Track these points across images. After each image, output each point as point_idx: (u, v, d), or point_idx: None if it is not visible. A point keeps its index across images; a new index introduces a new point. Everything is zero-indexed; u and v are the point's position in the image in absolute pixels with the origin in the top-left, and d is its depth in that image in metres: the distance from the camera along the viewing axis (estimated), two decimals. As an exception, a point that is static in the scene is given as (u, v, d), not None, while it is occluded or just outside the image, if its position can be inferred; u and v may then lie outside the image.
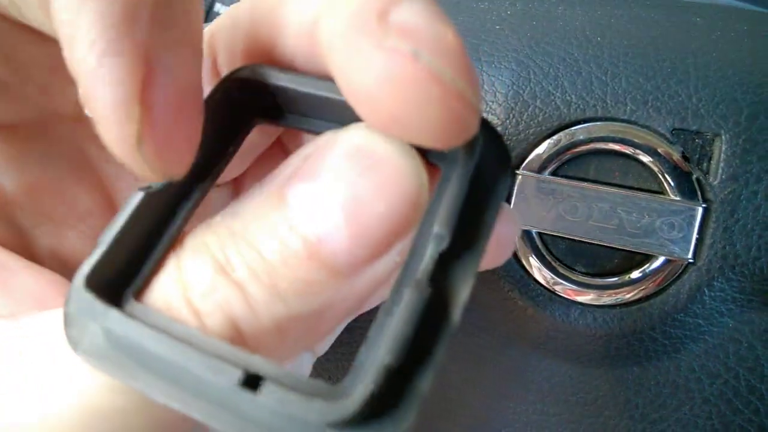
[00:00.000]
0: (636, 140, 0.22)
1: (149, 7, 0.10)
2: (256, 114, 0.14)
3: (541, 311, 0.23)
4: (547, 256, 0.23)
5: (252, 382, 0.10)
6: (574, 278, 0.23)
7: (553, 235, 0.23)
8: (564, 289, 0.23)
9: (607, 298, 0.23)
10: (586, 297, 0.23)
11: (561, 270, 0.23)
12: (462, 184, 0.11)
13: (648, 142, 0.22)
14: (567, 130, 0.23)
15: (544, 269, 0.23)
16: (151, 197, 0.12)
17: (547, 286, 0.23)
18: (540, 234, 0.23)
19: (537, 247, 0.23)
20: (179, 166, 0.11)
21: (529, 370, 0.25)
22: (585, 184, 0.22)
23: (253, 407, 0.10)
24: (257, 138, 0.16)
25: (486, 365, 0.25)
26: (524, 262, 0.23)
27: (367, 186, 0.10)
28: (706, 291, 0.22)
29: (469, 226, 0.11)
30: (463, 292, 0.11)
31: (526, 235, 0.23)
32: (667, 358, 0.23)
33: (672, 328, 0.23)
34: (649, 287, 0.22)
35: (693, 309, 0.23)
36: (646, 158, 0.22)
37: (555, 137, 0.23)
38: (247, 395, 0.10)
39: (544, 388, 0.25)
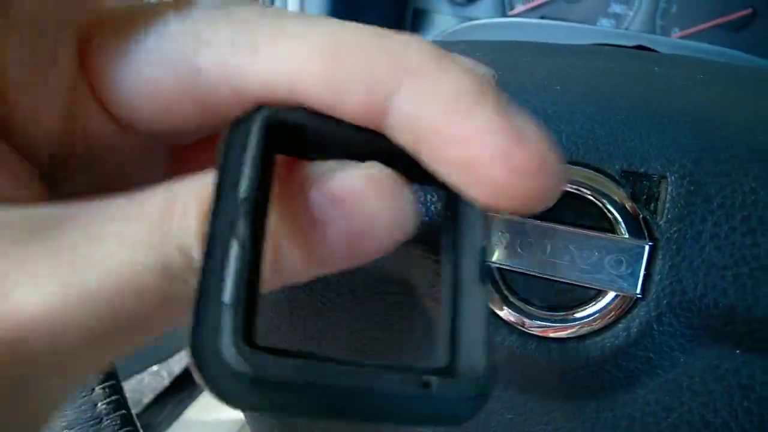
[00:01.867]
0: (586, 182, 0.23)
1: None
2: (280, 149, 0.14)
3: (499, 343, 0.25)
4: (504, 290, 0.25)
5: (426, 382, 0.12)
6: (530, 312, 0.24)
7: (510, 270, 0.24)
8: (521, 321, 0.24)
9: (562, 332, 0.24)
10: (542, 330, 0.24)
11: (517, 303, 0.24)
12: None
13: (598, 184, 0.23)
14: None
15: (502, 302, 0.24)
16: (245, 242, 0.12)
17: (504, 318, 0.24)
18: (499, 269, 0.25)
19: (495, 281, 0.25)
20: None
21: (491, 401, 0.26)
22: (539, 222, 0.24)
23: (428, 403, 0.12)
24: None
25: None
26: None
27: None
28: (655, 326, 0.23)
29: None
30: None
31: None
32: (623, 391, 0.24)
33: (624, 361, 0.24)
34: (601, 321, 0.24)
35: (644, 343, 0.23)
36: (596, 199, 0.23)
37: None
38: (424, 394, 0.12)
39: (504, 420, 0.26)
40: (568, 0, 0.80)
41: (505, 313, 0.24)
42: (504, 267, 0.24)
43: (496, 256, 0.24)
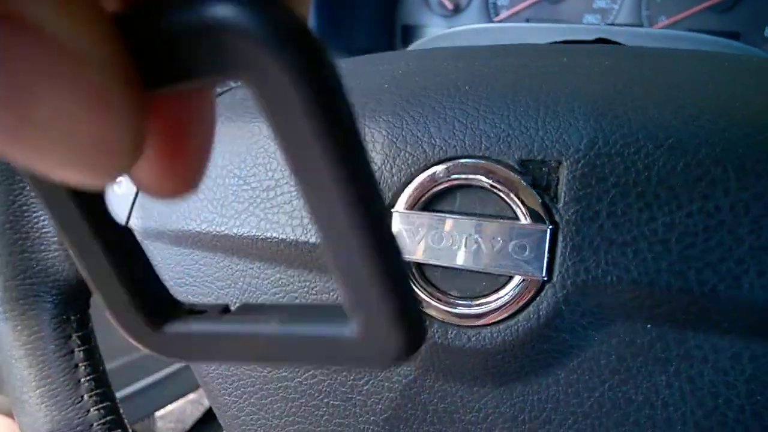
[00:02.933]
0: (488, 173, 0.24)
1: None
2: None
3: (421, 334, 0.26)
4: (422, 283, 0.26)
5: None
6: (448, 301, 0.25)
7: (427, 264, 0.26)
8: (440, 312, 0.25)
9: (478, 320, 0.25)
10: (460, 319, 0.25)
11: (437, 295, 0.25)
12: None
13: (498, 174, 0.24)
14: (430, 170, 0.25)
15: (421, 295, 0.25)
16: None
17: (425, 310, 0.25)
18: (417, 264, 0.26)
19: (414, 275, 0.26)
20: None
21: (423, 393, 0.27)
22: (446, 215, 0.25)
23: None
24: None
25: (382, 391, 0.27)
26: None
27: None
28: (564, 306, 0.24)
29: None
30: None
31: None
32: (544, 373, 0.25)
33: (540, 343, 0.24)
34: (512, 306, 0.24)
35: (555, 324, 0.24)
36: (499, 188, 0.24)
37: (420, 176, 0.26)
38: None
39: (439, 409, 0.26)
40: (552, 1, 0.80)
41: (425, 306, 0.25)
42: (420, 262, 0.25)
43: (411, 252, 0.25)
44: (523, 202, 0.24)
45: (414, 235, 0.25)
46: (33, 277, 0.40)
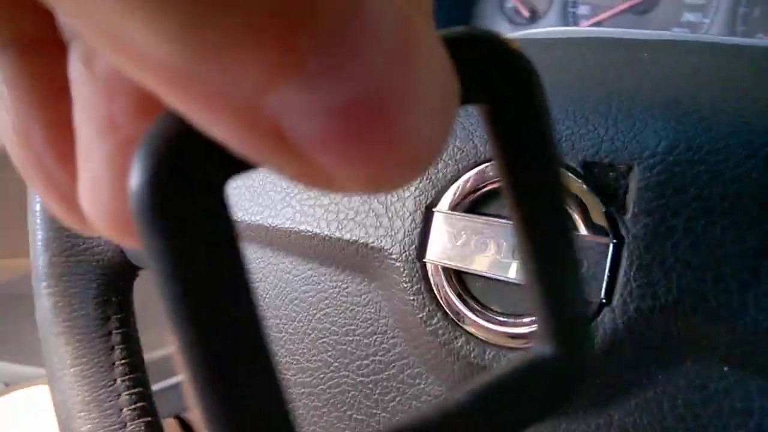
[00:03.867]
0: (545, 175, 0.21)
1: None
2: None
3: (455, 351, 0.23)
4: (462, 294, 0.23)
5: None
6: (488, 317, 0.22)
7: (468, 272, 0.23)
8: (478, 329, 0.22)
9: (520, 340, 0.22)
10: (500, 338, 0.22)
11: (477, 308, 0.22)
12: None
13: (557, 177, 0.21)
14: (479, 167, 0.23)
15: (460, 307, 0.23)
16: None
17: (462, 325, 0.23)
18: (457, 272, 0.23)
19: (453, 284, 0.23)
20: None
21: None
22: (493, 219, 0.22)
23: None
24: None
25: (409, 410, 0.24)
26: (441, 300, 0.23)
27: None
28: (624, 336, 0.20)
29: None
30: None
31: (443, 271, 0.23)
32: (594, 411, 0.21)
33: (592, 376, 0.21)
34: (562, 329, 0.21)
35: (612, 355, 0.21)
36: (556, 193, 0.21)
37: (467, 174, 0.23)
38: None
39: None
40: (637, 12, 0.76)
41: (462, 320, 0.23)
42: (460, 269, 0.23)
43: (451, 258, 0.23)
44: (583, 210, 0.21)
45: (456, 239, 0.23)
46: (78, 255, 0.39)
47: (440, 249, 0.23)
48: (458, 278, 0.23)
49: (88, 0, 0.06)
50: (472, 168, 0.23)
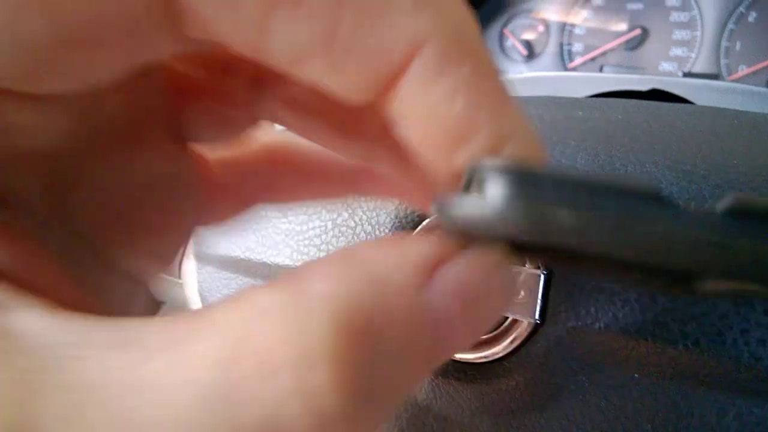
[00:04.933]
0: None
1: None
2: None
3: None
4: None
5: None
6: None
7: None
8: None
9: (474, 354, 0.26)
10: (460, 354, 0.27)
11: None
12: None
13: (500, 220, 0.26)
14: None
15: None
16: None
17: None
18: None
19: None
20: None
21: (429, 420, 0.28)
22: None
23: None
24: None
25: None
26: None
27: None
28: (556, 349, 0.25)
29: None
30: None
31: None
32: (539, 414, 0.26)
33: (534, 384, 0.25)
34: (507, 346, 0.26)
35: (549, 366, 0.25)
36: (500, 233, 0.26)
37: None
38: None
39: (439, 438, 0.28)
40: (628, 48, 0.80)
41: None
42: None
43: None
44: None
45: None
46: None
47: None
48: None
49: None
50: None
